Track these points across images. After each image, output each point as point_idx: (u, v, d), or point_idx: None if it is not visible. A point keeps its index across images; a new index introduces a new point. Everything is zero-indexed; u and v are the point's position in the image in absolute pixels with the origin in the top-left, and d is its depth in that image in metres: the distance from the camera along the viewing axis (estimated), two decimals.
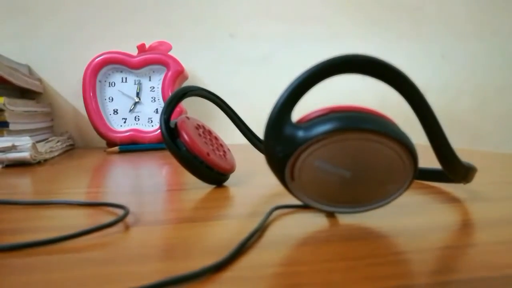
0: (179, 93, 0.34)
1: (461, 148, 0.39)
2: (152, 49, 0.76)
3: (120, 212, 0.26)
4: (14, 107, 0.57)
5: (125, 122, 0.76)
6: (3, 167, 0.50)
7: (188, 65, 0.81)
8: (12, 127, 0.55)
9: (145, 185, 0.37)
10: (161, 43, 0.77)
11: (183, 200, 0.30)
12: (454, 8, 0.92)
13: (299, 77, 0.21)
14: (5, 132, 0.54)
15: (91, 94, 0.74)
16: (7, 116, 0.55)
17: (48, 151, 0.58)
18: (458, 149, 0.26)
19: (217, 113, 0.78)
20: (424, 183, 0.35)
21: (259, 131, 0.41)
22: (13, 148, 0.51)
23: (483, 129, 0.94)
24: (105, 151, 0.71)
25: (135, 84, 0.77)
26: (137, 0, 0.82)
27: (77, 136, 0.81)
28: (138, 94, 0.77)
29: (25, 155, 0.51)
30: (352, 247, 0.19)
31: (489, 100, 0.95)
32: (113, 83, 0.76)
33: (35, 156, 0.52)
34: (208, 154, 0.33)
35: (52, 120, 0.77)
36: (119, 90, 0.76)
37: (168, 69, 0.75)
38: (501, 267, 0.16)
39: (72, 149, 0.75)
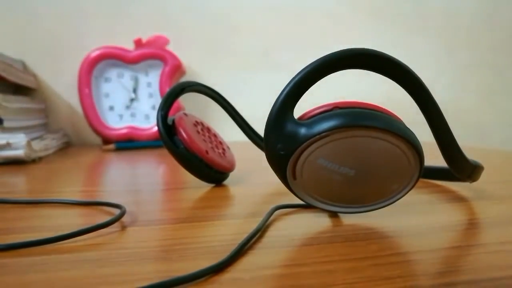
0: (177, 89, 0.34)
1: (467, 145, 0.38)
2: (149, 43, 0.76)
3: (116, 211, 0.26)
4: (8, 103, 0.56)
5: (121, 118, 0.76)
6: None
7: (186, 60, 0.80)
8: (6, 124, 0.54)
9: (142, 183, 0.37)
10: (158, 37, 0.76)
11: (181, 199, 0.30)
12: (460, 2, 0.92)
13: (301, 72, 0.21)
14: None
15: (87, 90, 0.73)
16: (1, 113, 0.54)
17: (43, 149, 0.57)
18: (464, 147, 0.26)
19: (216, 109, 0.77)
20: (430, 181, 0.34)
21: (260, 128, 0.40)
22: (7, 145, 0.50)
23: (489, 126, 0.94)
24: (101, 148, 0.70)
25: (131, 79, 0.76)
26: None
27: (72, 133, 0.81)
28: (134, 90, 0.76)
29: (19, 153, 0.50)
30: (356, 248, 0.19)
31: (496, 96, 0.94)
32: (109, 79, 0.75)
33: (29, 154, 0.51)
34: (207, 152, 0.33)
35: (46, 116, 0.76)
36: (118, 82, 0.75)
37: (166, 64, 0.74)
38: (508, 267, 0.16)
39: (67, 147, 0.74)
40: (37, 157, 0.54)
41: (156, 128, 0.73)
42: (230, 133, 0.63)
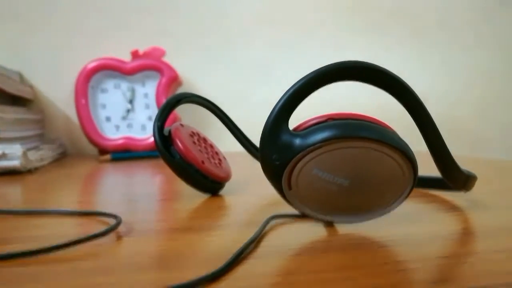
0: (173, 100, 0.34)
1: (461, 155, 0.39)
2: (146, 55, 0.76)
3: (112, 221, 0.26)
4: (4, 114, 0.56)
5: (117, 129, 0.76)
6: None
7: (182, 71, 0.80)
8: (2, 134, 0.54)
9: (138, 194, 0.36)
10: (155, 49, 0.77)
11: (177, 209, 0.30)
12: (454, 15, 0.93)
13: (296, 84, 0.21)
14: None
15: (83, 101, 0.73)
16: None
17: (39, 159, 0.57)
18: (458, 157, 0.26)
19: (212, 120, 0.77)
20: (424, 191, 0.35)
21: (256, 138, 0.41)
22: (3, 156, 0.50)
23: (483, 137, 0.95)
24: (97, 159, 0.70)
25: (128, 90, 0.76)
26: (130, 5, 0.82)
27: (69, 143, 0.80)
28: (131, 101, 0.76)
29: (15, 163, 0.50)
30: (351, 257, 0.19)
31: (490, 107, 0.95)
32: (105, 90, 0.76)
33: (25, 164, 0.51)
34: (203, 162, 0.33)
35: (43, 127, 0.76)
36: (115, 92, 0.75)
37: (162, 75, 0.75)
38: (502, 276, 0.16)
39: (63, 157, 0.74)
40: (33, 167, 0.53)
41: (152, 139, 0.73)
42: (226, 143, 0.63)
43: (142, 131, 0.76)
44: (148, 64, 0.75)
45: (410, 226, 0.24)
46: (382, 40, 0.91)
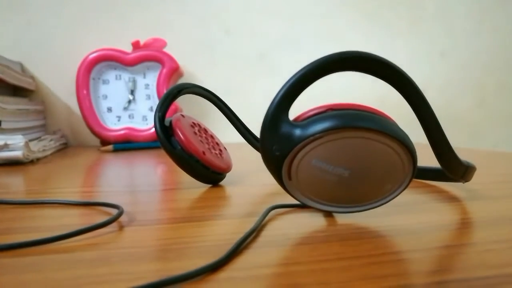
0: (174, 91, 0.34)
1: (460, 146, 0.39)
2: (146, 46, 0.76)
3: (114, 211, 0.26)
4: (6, 105, 0.56)
5: (119, 120, 0.76)
6: None
7: (183, 62, 0.80)
8: (4, 125, 0.54)
9: (140, 184, 0.37)
10: (156, 40, 0.76)
11: (178, 199, 0.30)
12: (453, 5, 0.92)
13: (296, 75, 0.21)
14: None
15: (85, 92, 0.73)
16: None
17: (41, 150, 0.57)
18: (457, 148, 0.26)
19: (213, 111, 0.77)
20: (423, 182, 0.35)
21: (256, 129, 0.41)
22: (5, 146, 0.50)
23: (482, 128, 0.95)
24: (99, 149, 0.70)
25: (129, 81, 0.76)
26: None
27: (70, 134, 0.81)
28: (132, 92, 0.76)
29: (17, 154, 0.50)
30: (350, 247, 0.19)
31: (489, 98, 0.95)
32: (107, 81, 0.76)
33: (27, 155, 0.51)
34: (203, 153, 0.33)
35: (44, 118, 0.76)
36: (116, 83, 0.75)
37: (163, 66, 0.74)
38: (499, 266, 0.16)
39: (65, 148, 0.74)
40: (35, 158, 0.54)
41: (153, 129, 0.73)
42: (226, 134, 0.64)
43: (143, 121, 0.76)
44: (149, 55, 0.75)
45: (410, 216, 0.24)
46: (381, 31, 0.90)
